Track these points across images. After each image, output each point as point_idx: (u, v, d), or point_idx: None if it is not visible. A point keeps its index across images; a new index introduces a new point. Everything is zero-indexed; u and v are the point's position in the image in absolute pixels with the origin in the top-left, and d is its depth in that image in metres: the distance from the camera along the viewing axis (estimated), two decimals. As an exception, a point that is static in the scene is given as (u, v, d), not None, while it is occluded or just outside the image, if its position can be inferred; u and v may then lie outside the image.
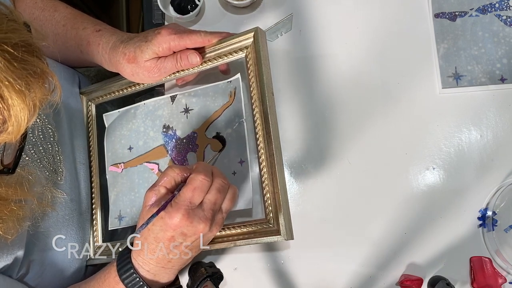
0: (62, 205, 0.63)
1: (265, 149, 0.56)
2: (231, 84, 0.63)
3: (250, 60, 0.59)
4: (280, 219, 0.54)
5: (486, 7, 0.67)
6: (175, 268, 0.54)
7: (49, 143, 0.62)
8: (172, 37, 0.58)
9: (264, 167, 0.56)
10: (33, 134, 0.60)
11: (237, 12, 0.75)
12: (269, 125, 0.56)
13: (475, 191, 0.64)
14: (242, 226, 0.58)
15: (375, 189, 0.66)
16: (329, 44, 0.71)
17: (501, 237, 0.61)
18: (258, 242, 0.56)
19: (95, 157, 0.70)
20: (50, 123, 0.63)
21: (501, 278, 0.61)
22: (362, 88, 0.69)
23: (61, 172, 0.63)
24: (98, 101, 0.71)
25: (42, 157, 0.61)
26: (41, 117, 0.61)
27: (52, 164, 0.62)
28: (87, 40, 0.63)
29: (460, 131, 0.66)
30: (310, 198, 0.67)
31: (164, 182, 0.52)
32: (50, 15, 0.66)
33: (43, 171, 0.60)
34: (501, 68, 0.66)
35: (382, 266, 0.64)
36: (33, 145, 0.60)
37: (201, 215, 0.50)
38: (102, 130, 0.71)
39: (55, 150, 0.63)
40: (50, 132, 0.63)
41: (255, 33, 0.58)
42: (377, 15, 0.70)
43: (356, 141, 0.67)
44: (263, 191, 0.56)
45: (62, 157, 0.64)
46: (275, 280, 0.67)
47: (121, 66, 0.60)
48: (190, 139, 0.65)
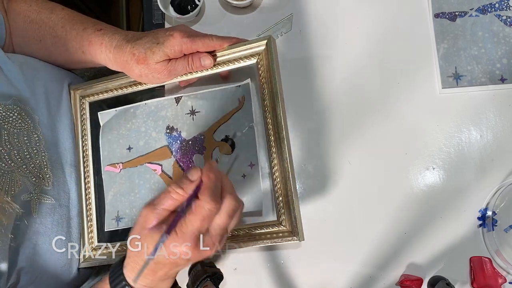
0: (51, 211, 0.62)
1: (278, 154, 0.58)
2: (240, 89, 0.64)
3: (262, 67, 0.60)
4: (293, 221, 0.57)
5: (486, 7, 0.67)
6: (172, 276, 0.51)
7: (35, 148, 0.61)
8: (184, 40, 0.58)
9: (277, 171, 0.59)
10: (18, 139, 0.59)
11: (237, 12, 0.75)
12: (282, 130, 0.58)
13: (475, 191, 0.64)
14: (253, 229, 0.60)
15: (375, 189, 0.66)
16: (329, 44, 0.71)
17: (501, 237, 0.61)
18: (269, 244, 0.58)
19: (89, 157, 0.68)
20: (36, 127, 0.62)
21: (501, 278, 0.61)
22: (362, 88, 0.69)
23: (48, 178, 0.62)
24: (92, 98, 0.70)
25: (28, 163, 0.59)
26: (27, 122, 0.60)
27: (38, 170, 0.61)
28: (88, 40, 0.62)
29: (460, 131, 0.66)
30: (310, 198, 0.67)
31: (168, 206, 0.47)
32: (47, 17, 0.65)
33: (30, 177, 0.59)
34: (501, 68, 0.66)
35: (382, 266, 0.64)
36: (18, 150, 0.59)
37: (208, 242, 0.46)
38: (95, 129, 0.70)
39: (41, 155, 0.62)
40: (36, 137, 0.62)
41: (268, 41, 0.60)
42: (377, 15, 0.70)
43: (356, 141, 0.67)
44: (275, 194, 0.58)
45: (48, 163, 0.62)
46: (275, 280, 0.67)
47: (129, 66, 0.60)
48: (196, 141, 0.65)
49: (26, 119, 0.60)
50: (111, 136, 0.70)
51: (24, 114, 0.60)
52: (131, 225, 0.66)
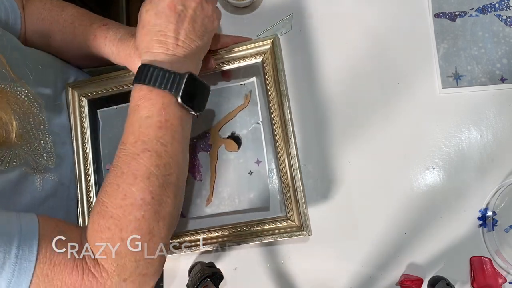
0: (54, 189, 0.64)
1: (285, 151, 0.60)
2: (245, 87, 0.65)
3: (268, 66, 0.62)
4: (302, 215, 0.58)
5: (486, 7, 0.67)
6: (198, 54, 0.55)
7: (40, 130, 0.63)
8: None
9: (284, 168, 0.60)
10: (24, 120, 0.61)
11: (237, 12, 0.75)
12: (289, 127, 0.60)
13: (475, 191, 0.64)
14: (261, 224, 0.61)
15: (375, 189, 0.66)
16: (328, 44, 0.71)
17: (501, 237, 0.61)
18: (278, 239, 0.60)
19: (89, 155, 0.68)
20: (41, 111, 0.64)
21: (501, 278, 0.61)
22: (362, 88, 0.69)
23: (52, 158, 0.64)
24: (91, 96, 0.69)
25: (33, 142, 0.61)
26: (33, 104, 0.62)
27: (42, 150, 0.63)
28: (94, 34, 0.63)
29: (460, 131, 0.66)
30: (310, 198, 0.67)
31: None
32: (58, 14, 0.67)
33: (33, 155, 0.61)
34: (501, 68, 0.66)
35: (382, 266, 0.64)
36: (24, 129, 0.60)
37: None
38: (95, 126, 0.70)
39: (45, 137, 0.64)
40: (41, 120, 0.64)
41: (273, 40, 0.61)
42: (377, 15, 0.70)
43: (356, 141, 0.67)
44: (283, 190, 0.60)
45: (52, 144, 0.65)
46: (275, 280, 0.67)
47: (131, 59, 0.60)
48: (201, 139, 0.65)
49: (33, 102, 0.62)
50: (111, 134, 0.69)
51: (31, 97, 0.62)
52: None
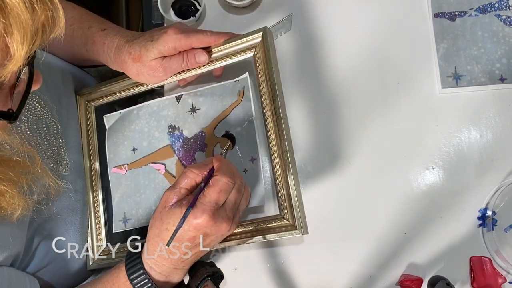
0: (67, 195, 0.63)
1: (278, 147, 0.57)
2: (239, 83, 0.63)
3: (259, 60, 0.59)
4: (295, 214, 0.56)
5: (486, 7, 0.67)
6: (186, 268, 0.54)
7: (53, 135, 0.63)
8: (178, 36, 0.58)
9: (277, 164, 0.57)
10: (38, 127, 0.61)
11: (237, 13, 0.75)
12: (281, 122, 0.57)
13: (475, 191, 0.64)
14: (256, 223, 0.59)
15: (374, 189, 0.66)
16: (328, 44, 0.71)
17: (501, 237, 0.61)
18: (272, 238, 0.58)
19: (96, 160, 0.69)
20: (54, 116, 0.64)
21: (501, 278, 0.61)
22: (362, 88, 0.69)
23: (66, 164, 0.64)
24: (97, 102, 0.71)
25: (47, 149, 0.61)
26: (46, 110, 0.62)
27: (56, 156, 0.63)
28: (92, 39, 0.63)
29: (460, 131, 0.66)
30: (310, 198, 0.67)
31: (185, 184, 0.52)
32: None
33: (48, 162, 0.61)
34: (501, 68, 0.66)
35: (382, 266, 0.64)
36: (38, 137, 0.60)
37: (223, 215, 0.50)
38: (102, 132, 0.71)
39: (59, 143, 0.64)
40: (54, 125, 0.64)
41: (263, 32, 0.59)
42: (377, 15, 0.70)
43: (355, 141, 0.67)
44: (277, 187, 0.58)
45: (66, 149, 0.65)
46: (275, 280, 0.67)
47: (127, 65, 0.60)
48: (198, 139, 0.65)
49: (44, 107, 0.62)
50: (116, 139, 0.70)
51: (42, 102, 0.62)
52: (137, 226, 0.67)
